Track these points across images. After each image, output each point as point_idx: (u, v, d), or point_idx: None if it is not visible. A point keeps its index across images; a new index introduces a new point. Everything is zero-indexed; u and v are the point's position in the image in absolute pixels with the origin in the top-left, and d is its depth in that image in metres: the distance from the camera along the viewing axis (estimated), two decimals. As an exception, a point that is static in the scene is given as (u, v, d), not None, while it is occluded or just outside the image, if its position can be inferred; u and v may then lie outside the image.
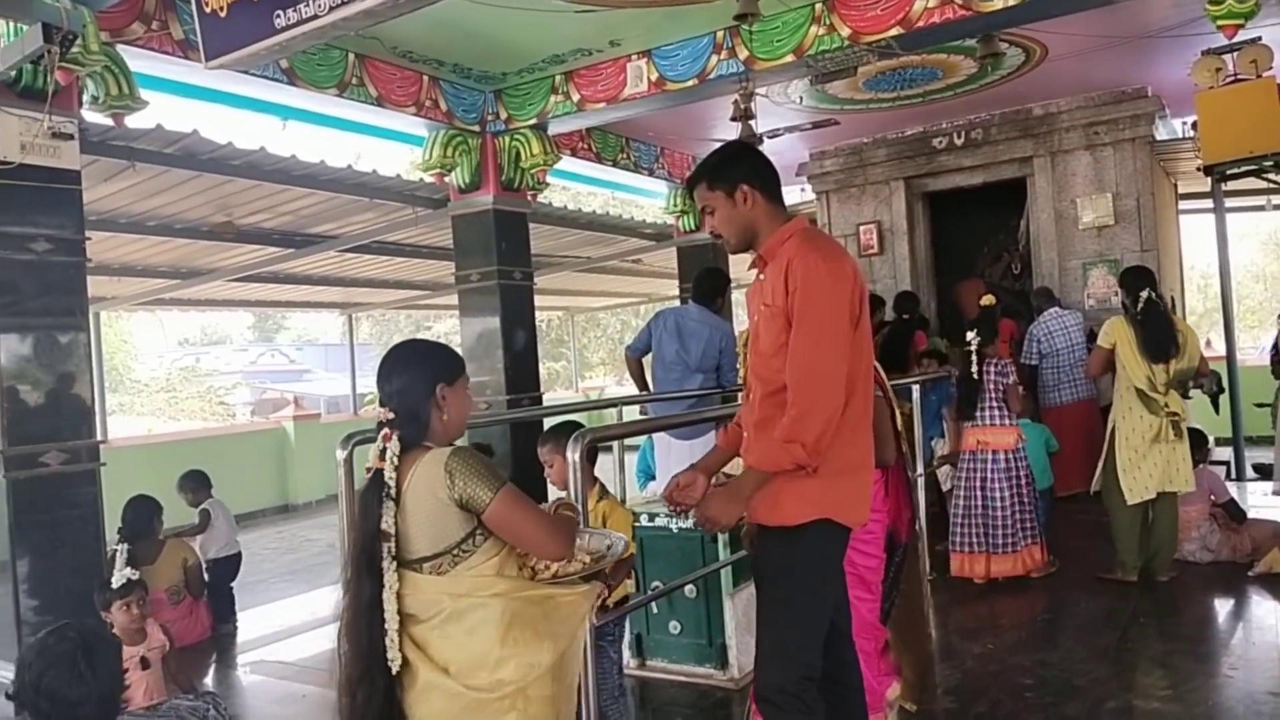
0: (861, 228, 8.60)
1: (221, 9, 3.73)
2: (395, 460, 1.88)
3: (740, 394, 2.52)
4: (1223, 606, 4.54)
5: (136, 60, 4.32)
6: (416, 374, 1.98)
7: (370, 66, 5.37)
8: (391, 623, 1.84)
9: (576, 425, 2.99)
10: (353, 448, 3.17)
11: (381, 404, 1.97)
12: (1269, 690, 3.39)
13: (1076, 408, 6.58)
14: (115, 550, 4.88)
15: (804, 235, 2.24)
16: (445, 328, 23.27)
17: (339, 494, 3.21)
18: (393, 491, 1.87)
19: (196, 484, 5.78)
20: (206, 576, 5.40)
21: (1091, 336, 6.51)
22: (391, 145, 6.77)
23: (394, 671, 1.84)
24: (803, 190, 9.80)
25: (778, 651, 2.18)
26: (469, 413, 2.07)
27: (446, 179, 6.36)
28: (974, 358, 4.79)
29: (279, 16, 3.52)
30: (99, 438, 4.52)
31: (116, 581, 3.68)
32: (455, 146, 6.10)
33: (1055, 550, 5.06)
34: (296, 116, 5.73)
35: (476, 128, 6.23)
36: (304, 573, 7.09)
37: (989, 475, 4.85)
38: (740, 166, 2.29)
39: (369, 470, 1.92)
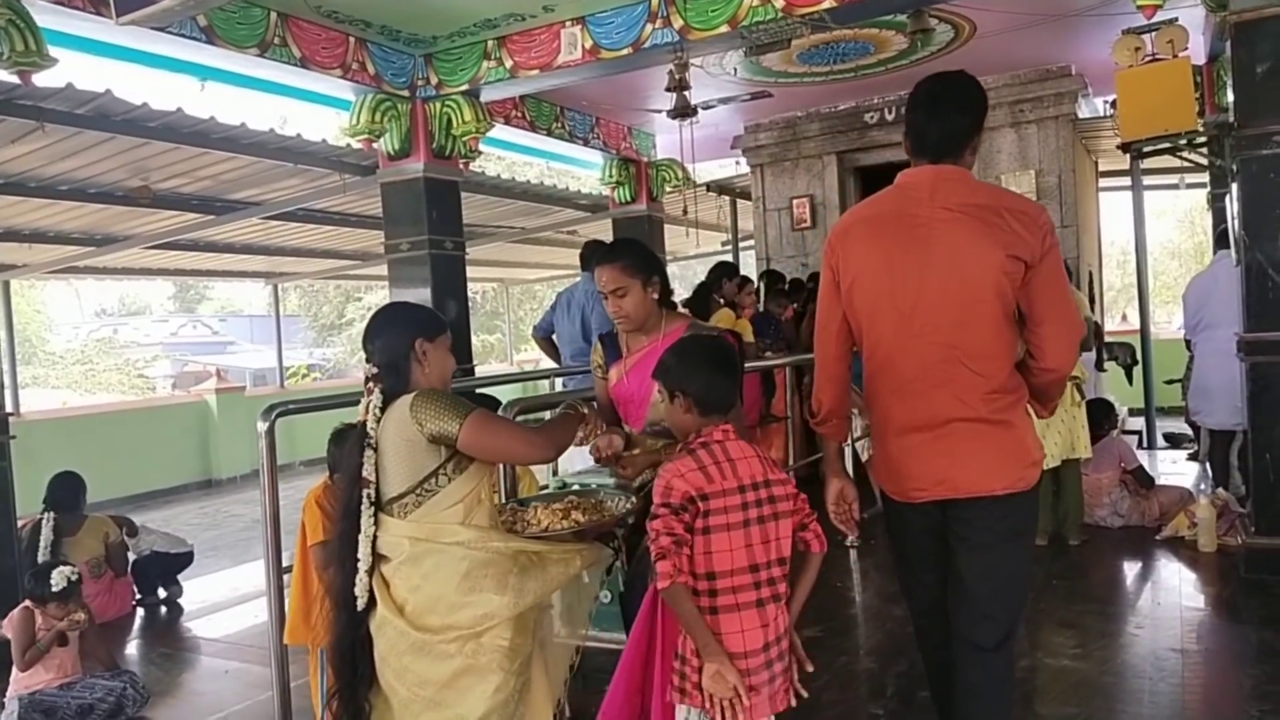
0: (795, 201, 8.67)
1: (132, -40, 3.57)
2: (378, 412, 2.04)
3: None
4: (1131, 569, 4.75)
5: (44, 16, 4.09)
6: (397, 329, 2.13)
7: (294, 26, 5.20)
8: (364, 563, 2.01)
9: (494, 401, 3.02)
10: (275, 419, 3.10)
11: (367, 360, 2.13)
12: (1171, 647, 3.57)
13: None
14: (41, 519, 4.78)
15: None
16: (376, 299, 22.83)
17: (261, 467, 3.13)
18: (373, 441, 2.03)
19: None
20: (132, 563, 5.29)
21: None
22: (318, 109, 6.56)
23: (358, 608, 2.02)
24: (737, 164, 9.85)
25: (1021, 602, 2.27)
26: (452, 369, 2.20)
27: (375, 145, 6.20)
28: None
29: (194, -30, 3.38)
30: (9, 410, 4.34)
31: (57, 584, 3.58)
32: (384, 111, 5.95)
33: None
34: (216, 77, 5.51)
35: (406, 92, 6.08)
36: (227, 549, 6.94)
37: None
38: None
39: (358, 424, 2.09)
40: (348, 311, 25.96)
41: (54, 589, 3.58)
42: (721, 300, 6.37)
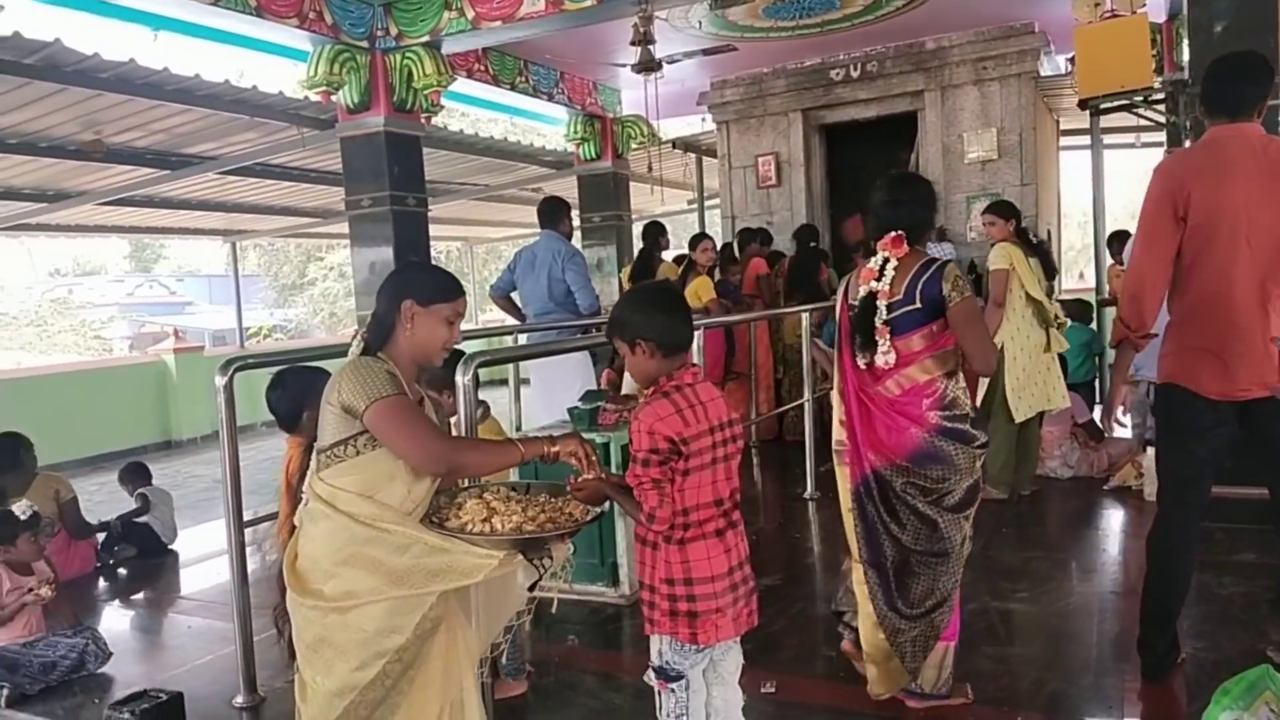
0: (760, 159, 8.66)
1: (75, -98, 3.45)
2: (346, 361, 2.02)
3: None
4: (1079, 517, 4.89)
5: (-18, -43, 3.97)
6: (392, 285, 2.09)
7: (247, -27, 5.07)
8: (305, 498, 2.04)
9: (458, 353, 2.98)
10: (233, 374, 3.08)
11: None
12: (1113, 590, 3.71)
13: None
14: (-20, 482, 4.71)
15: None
16: (338, 259, 22.57)
17: (220, 423, 3.12)
18: None
19: (134, 474, 5.68)
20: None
21: (971, 268, 6.78)
22: (275, 61, 6.41)
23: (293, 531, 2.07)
24: (703, 120, 9.80)
25: None
26: (444, 341, 2.05)
27: (334, 98, 6.10)
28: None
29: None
30: (-43, 367, 4.26)
31: (23, 513, 3.59)
32: (342, 63, 5.84)
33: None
34: (169, 27, 5.38)
35: (365, 44, 5.97)
36: (189, 509, 6.88)
37: None
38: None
39: None
40: (309, 271, 25.61)
41: (21, 517, 3.59)
42: (660, 258, 6.69)
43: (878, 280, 2.57)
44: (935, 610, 2.64)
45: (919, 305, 2.53)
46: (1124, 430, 6.29)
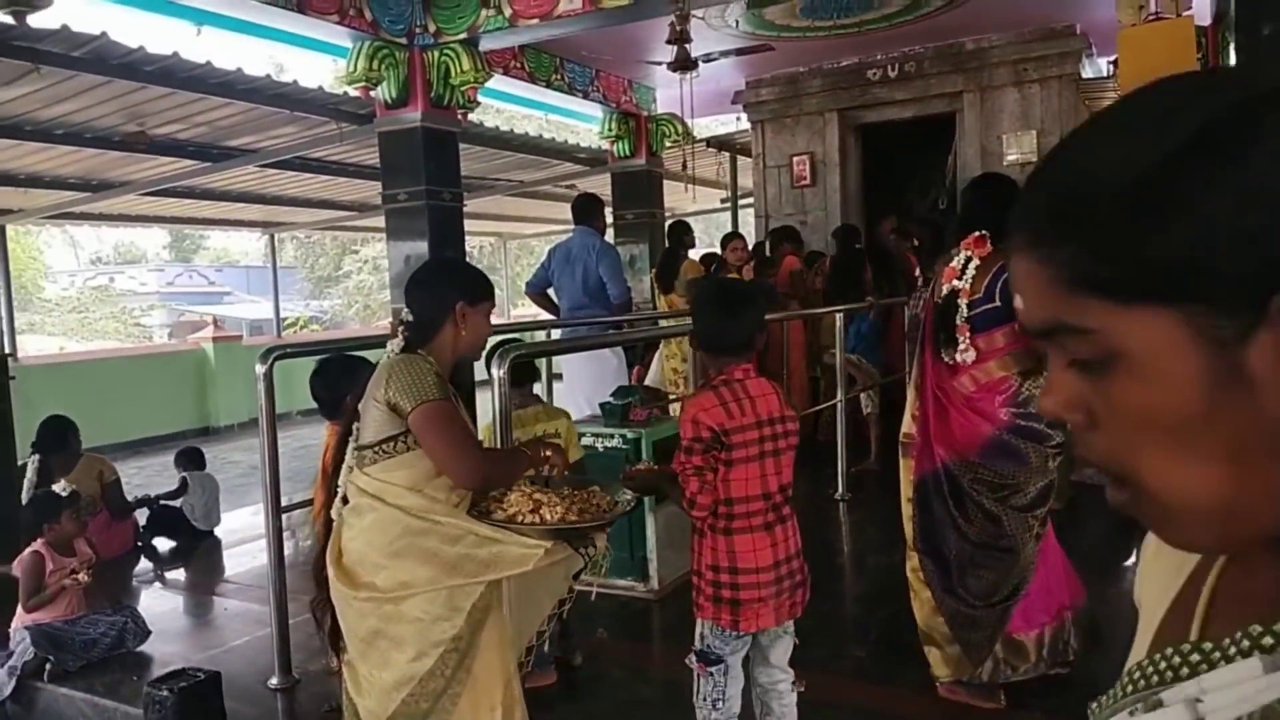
0: (795, 159, 8.63)
1: (128, -102, 3.52)
2: (391, 358, 2.04)
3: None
4: (1115, 526, 4.82)
5: (37, -48, 4.06)
6: (442, 286, 2.11)
7: (291, -30, 5.14)
8: (339, 493, 2.08)
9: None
10: (273, 362, 3.14)
11: (407, 305, 2.13)
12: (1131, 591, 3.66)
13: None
14: (27, 462, 4.86)
15: None
16: (374, 251, 22.75)
17: (260, 410, 3.18)
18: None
19: (187, 460, 5.89)
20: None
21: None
22: (315, 56, 6.51)
23: (332, 526, 2.08)
24: (738, 119, 9.78)
25: None
26: (487, 335, 2.17)
27: (372, 93, 6.15)
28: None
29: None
30: (8, 350, 4.37)
31: (63, 490, 3.72)
32: (381, 59, 5.90)
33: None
34: (212, 21, 5.47)
35: (404, 40, 6.03)
36: (227, 494, 6.99)
37: None
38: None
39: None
40: (345, 264, 25.86)
41: (63, 495, 3.69)
42: (685, 256, 6.84)
43: (959, 279, 2.60)
44: (1002, 603, 2.63)
45: (998, 303, 2.55)
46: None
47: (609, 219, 7.65)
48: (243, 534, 5.48)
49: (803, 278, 7.21)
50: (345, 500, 2.08)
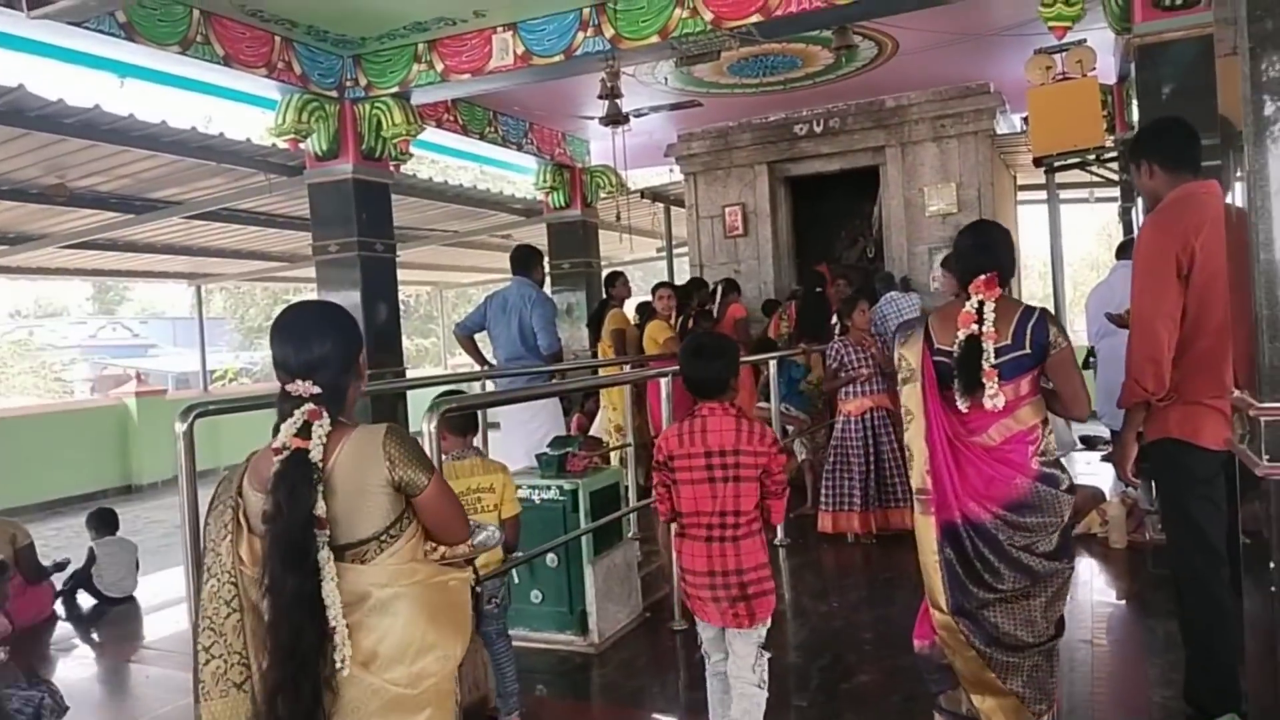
0: (727, 209, 8.80)
1: (48, -48, 3.48)
2: (323, 440, 1.69)
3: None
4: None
5: (-49, 5, 3.97)
6: (340, 340, 1.79)
7: (217, 24, 5.11)
8: (338, 620, 1.67)
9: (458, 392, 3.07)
10: (193, 420, 3.05)
11: (298, 375, 1.74)
12: (1083, 639, 3.73)
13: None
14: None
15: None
16: (306, 302, 22.40)
17: (179, 470, 3.08)
18: (320, 474, 1.68)
19: (99, 521, 5.62)
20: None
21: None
22: (243, 108, 6.44)
23: (343, 672, 1.67)
24: (671, 171, 9.95)
25: None
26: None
27: (302, 145, 6.13)
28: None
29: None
30: (-90, 413, 4.18)
31: None
32: (311, 112, 5.88)
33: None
34: (136, 74, 5.39)
35: (334, 93, 6.02)
36: (150, 555, 6.72)
37: (880, 434, 5.41)
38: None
39: (282, 449, 1.68)
40: (276, 314, 25.41)
41: None
42: (613, 302, 7.16)
43: (978, 324, 2.52)
44: (1046, 644, 2.56)
45: (1029, 350, 2.49)
46: (1089, 478, 6.40)
47: (545, 268, 7.74)
48: (165, 597, 5.27)
49: (746, 325, 7.35)
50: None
